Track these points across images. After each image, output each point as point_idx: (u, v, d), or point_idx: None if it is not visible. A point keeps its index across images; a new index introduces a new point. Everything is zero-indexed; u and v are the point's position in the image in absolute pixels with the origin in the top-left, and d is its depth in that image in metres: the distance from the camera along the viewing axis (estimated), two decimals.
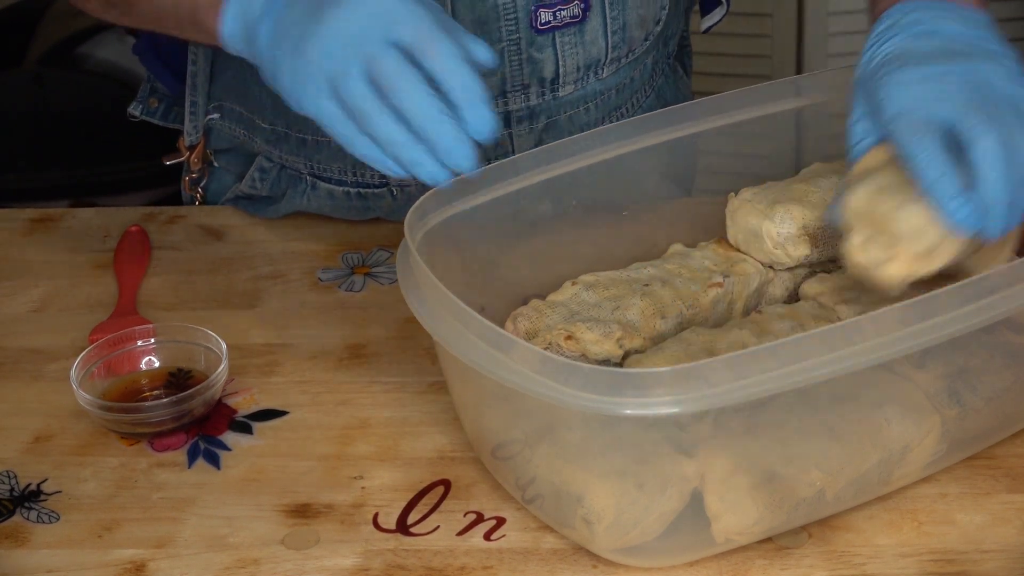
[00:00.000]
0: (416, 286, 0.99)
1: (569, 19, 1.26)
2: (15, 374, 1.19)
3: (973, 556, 0.97)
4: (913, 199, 0.93)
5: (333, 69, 0.97)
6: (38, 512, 1.04)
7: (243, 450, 1.09)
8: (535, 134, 1.32)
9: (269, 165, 1.37)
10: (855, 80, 1.02)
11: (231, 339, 1.17)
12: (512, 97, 1.29)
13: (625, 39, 1.31)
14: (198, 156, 1.40)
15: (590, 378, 0.88)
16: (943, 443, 1.00)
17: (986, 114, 0.92)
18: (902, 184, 0.94)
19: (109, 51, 2.44)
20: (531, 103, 1.30)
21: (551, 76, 1.29)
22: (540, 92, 1.30)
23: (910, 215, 0.93)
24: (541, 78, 1.29)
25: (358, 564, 0.98)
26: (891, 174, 0.96)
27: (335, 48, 0.97)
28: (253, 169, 1.38)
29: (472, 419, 1.05)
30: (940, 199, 0.91)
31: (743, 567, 0.97)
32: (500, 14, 1.24)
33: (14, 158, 2.38)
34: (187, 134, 1.39)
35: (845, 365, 0.89)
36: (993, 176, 0.90)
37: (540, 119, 1.31)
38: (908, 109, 0.94)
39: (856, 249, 0.97)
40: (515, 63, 1.27)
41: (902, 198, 0.94)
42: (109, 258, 1.33)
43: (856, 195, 0.96)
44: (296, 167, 1.36)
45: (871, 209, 0.95)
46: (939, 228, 0.93)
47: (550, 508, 0.99)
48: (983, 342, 1.00)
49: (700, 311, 1.07)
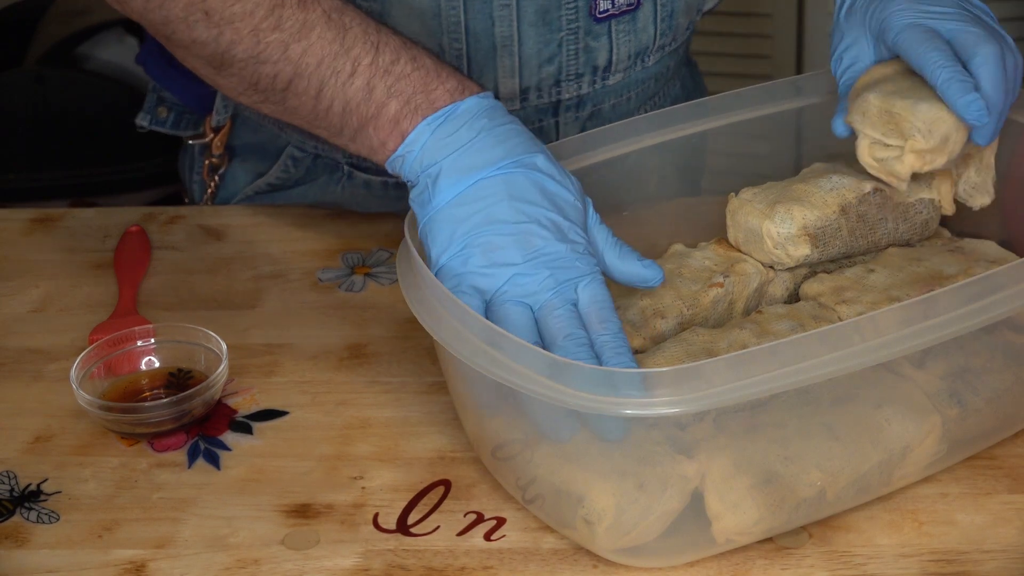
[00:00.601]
0: (416, 286, 0.99)
1: (626, 7, 1.28)
2: (15, 374, 1.19)
3: (974, 556, 0.97)
4: (924, 99, 1.02)
5: (507, 291, 0.97)
6: (38, 512, 1.04)
7: (243, 450, 1.09)
8: (580, 122, 1.34)
9: (302, 155, 1.37)
10: (837, 19, 1.12)
11: (231, 339, 1.17)
12: (565, 86, 1.30)
13: (672, 26, 1.32)
14: (221, 140, 1.40)
15: (590, 378, 0.88)
16: (943, 443, 1.00)
17: (983, 29, 1.04)
18: (910, 88, 1.03)
19: (109, 51, 2.44)
20: (582, 92, 1.31)
21: (604, 64, 1.30)
22: (592, 81, 1.31)
23: (924, 111, 1.02)
24: (594, 66, 1.30)
25: (358, 564, 0.98)
26: (896, 82, 1.04)
27: (528, 279, 0.97)
28: (284, 158, 1.38)
29: (472, 419, 1.05)
30: (954, 93, 1.00)
31: (743, 567, 0.97)
32: (562, 2, 1.25)
33: (14, 158, 2.38)
34: (216, 111, 1.38)
35: (845, 365, 0.89)
36: (993, 80, 1.01)
37: (587, 107, 1.33)
38: (914, 24, 1.05)
39: (867, 150, 1.05)
40: (571, 52, 1.28)
41: (914, 98, 1.03)
42: (109, 258, 1.33)
43: (869, 99, 1.04)
44: (333, 156, 1.36)
45: (887, 108, 1.03)
46: (949, 124, 1.02)
47: (550, 508, 0.99)
48: (984, 342, 1.00)
49: (700, 311, 1.07)
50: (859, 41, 1.10)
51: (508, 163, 0.99)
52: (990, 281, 0.94)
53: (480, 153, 1.00)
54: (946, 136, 1.02)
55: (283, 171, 1.38)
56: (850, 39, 1.10)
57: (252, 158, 1.40)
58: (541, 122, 1.32)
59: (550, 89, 1.30)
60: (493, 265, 0.97)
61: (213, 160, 1.41)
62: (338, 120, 1.03)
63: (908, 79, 1.05)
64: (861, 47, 1.10)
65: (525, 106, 1.30)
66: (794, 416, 0.95)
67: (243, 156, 1.41)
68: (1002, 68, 1.02)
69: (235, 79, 1.05)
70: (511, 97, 1.29)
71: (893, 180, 1.05)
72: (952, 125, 1.02)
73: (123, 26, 2.46)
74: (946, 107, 1.02)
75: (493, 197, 0.98)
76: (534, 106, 1.31)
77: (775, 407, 0.93)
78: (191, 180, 1.46)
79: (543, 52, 1.27)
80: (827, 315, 1.04)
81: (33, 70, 2.39)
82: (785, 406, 0.93)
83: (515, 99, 1.29)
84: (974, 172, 1.11)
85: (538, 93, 1.30)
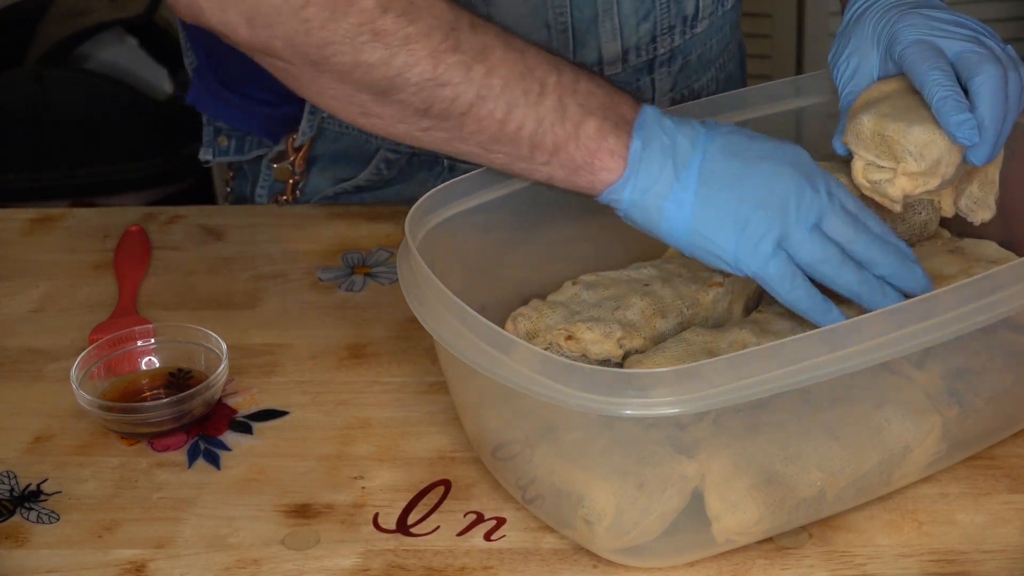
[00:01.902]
0: (416, 286, 0.99)
1: None
2: (15, 374, 1.19)
3: (973, 556, 0.97)
4: (918, 121, 1.02)
5: (784, 225, 0.97)
6: (38, 512, 1.04)
7: (243, 450, 1.09)
8: (672, 76, 1.36)
9: (395, 156, 1.38)
10: (847, 23, 1.11)
11: (231, 339, 1.17)
12: (660, 41, 1.33)
13: None
14: (302, 158, 1.40)
15: (590, 378, 0.88)
16: (943, 443, 1.00)
17: (986, 50, 1.03)
18: (906, 109, 1.03)
19: (109, 51, 2.44)
20: (674, 44, 1.34)
21: (692, 13, 1.33)
22: (682, 31, 1.34)
23: (917, 134, 1.01)
24: (684, 16, 1.33)
25: (358, 564, 0.98)
26: (893, 102, 1.04)
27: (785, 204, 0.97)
28: (377, 161, 1.38)
29: (472, 419, 1.05)
30: (948, 112, 1.00)
31: (743, 567, 0.97)
32: None
33: (14, 158, 2.38)
34: (301, 133, 1.38)
35: (845, 365, 0.89)
36: (991, 100, 1.00)
37: (677, 61, 1.36)
38: (921, 40, 1.04)
39: (861, 171, 1.04)
40: (663, 5, 1.31)
41: (908, 120, 1.02)
42: (109, 258, 1.33)
43: (863, 121, 1.03)
44: (430, 154, 1.36)
45: (879, 130, 1.02)
46: (941, 147, 1.01)
47: (550, 508, 0.99)
48: (983, 342, 1.00)
49: (700, 311, 1.07)
50: (861, 49, 1.09)
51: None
52: (990, 281, 0.94)
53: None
54: (938, 159, 1.02)
55: (374, 174, 1.38)
56: (853, 46, 1.10)
57: (332, 167, 1.41)
58: (639, 81, 1.34)
59: (647, 47, 1.32)
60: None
61: (296, 178, 1.41)
62: (527, 143, 0.99)
63: (907, 98, 1.04)
64: (863, 55, 1.09)
65: (625, 67, 1.32)
66: (794, 416, 0.95)
67: (322, 165, 1.41)
68: (1003, 89, 1.01)
69: (401, 105, 0.99)
70: (614, 60, 1.31)
71: (886, 202, 1.05)
72: (944, 148, 1.01)
73: (123, 26, 2.46)
74: (939, 130, 1.01)
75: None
76: (633, 66, 1.33)
77: (775, 407, 0.93)
78: (255, 194, 1.45)
79: (639, 10, 1.30)
80: None
81: (33, 70, 2.39)
82: (785, 406, 0.94)
83: (617, 62, 1.31)
84: (977, 187, 1.10)
85: (636, 52, 1.32)
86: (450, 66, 0.97)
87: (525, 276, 1.11)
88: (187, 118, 1.79)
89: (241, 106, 1.38)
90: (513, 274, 1.11)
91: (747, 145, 0.99)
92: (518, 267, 1.12)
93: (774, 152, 0.99)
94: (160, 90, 2.42)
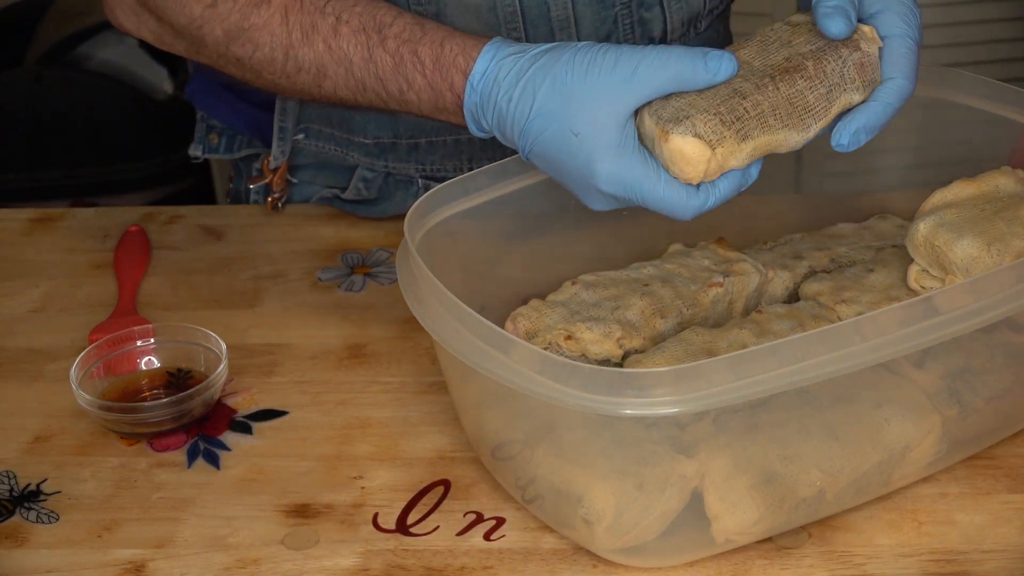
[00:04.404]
0: (416, 286, 0.99)
1: None
2: (15, 374, 1.19)
3: (973, 556, 0.97)
4: (965, 234, 1.01)
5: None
6: (38, 512, 1.04)
7: (243, 450, 1.09)
8: None
9: (372, 175, 1.37)
10: None
11: (231, 339, 1.17)
12: None
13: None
14: (281, 177, 1.40)
15: (590, 378, 0.88)
16: (943, 443, 1.00)
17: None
18: (961, 221, 1.02)
19: (109, 51, 2.44)
20: None
21: (659, 35, 1.31)
22: None
23: (963, 248, 1.00)
24: (650, 38, 1.31)
25: (358, 564, 0.98)
26: (960, 210, 1.03)
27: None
28: (355, 180, 1.37)
29: (472, 419, 1.05)
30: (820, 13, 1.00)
31: (743, 567, 0.97)
32: None
33: (14, 158, 2.38)
34: (274, 157, 1.38)
35: (845, 365, 0.89)
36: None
37: None
38: None
39: (915, 277, 1.05)
40: (627, 26, 1.29)
41: (960, 231, 1.01)
42: (109, 258, 1.33)
43: (919, 228, 1.03)
44: (406, 172, 1.36)
45: (931, 240, 1.02)
46: (987, 264, 1.00)
47: (550, 508, 0.99)
48: (983, 342, 1.00)
49: (700, 311, 1.07)
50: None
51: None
52: (990, 281, 0.94)
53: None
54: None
55: (355, 193, 1.38)
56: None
57: (320, 175, 1.40)
58: None
59: None
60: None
61: (275, 196, 1.41)
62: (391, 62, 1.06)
63: (977, 208, 1.04)
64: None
65: None
66: (794, 416, 0.95)
67: (309, 172, 1.41)
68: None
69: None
70: None
71: None
72: (990, 265, 1.00)
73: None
74: (986, 245, 1.00)
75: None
76: None
77: (775, 407, 0.93)
78: (250, 196, 1.45)
79: (599, 30, 1.28)
80: (827, 315, 1.05)
81: (33, 70, 2.39)
82: (785, 406, 0.94)
83: None
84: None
85: None
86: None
87: (525, 276, 1.11)
88: (187, 118, 1.79)
89: (236, 105, 1.39)
90: (513, 274, 1.11)
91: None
92: (518, 267, 1.12)
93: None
94: (160, 90, 2.42)
